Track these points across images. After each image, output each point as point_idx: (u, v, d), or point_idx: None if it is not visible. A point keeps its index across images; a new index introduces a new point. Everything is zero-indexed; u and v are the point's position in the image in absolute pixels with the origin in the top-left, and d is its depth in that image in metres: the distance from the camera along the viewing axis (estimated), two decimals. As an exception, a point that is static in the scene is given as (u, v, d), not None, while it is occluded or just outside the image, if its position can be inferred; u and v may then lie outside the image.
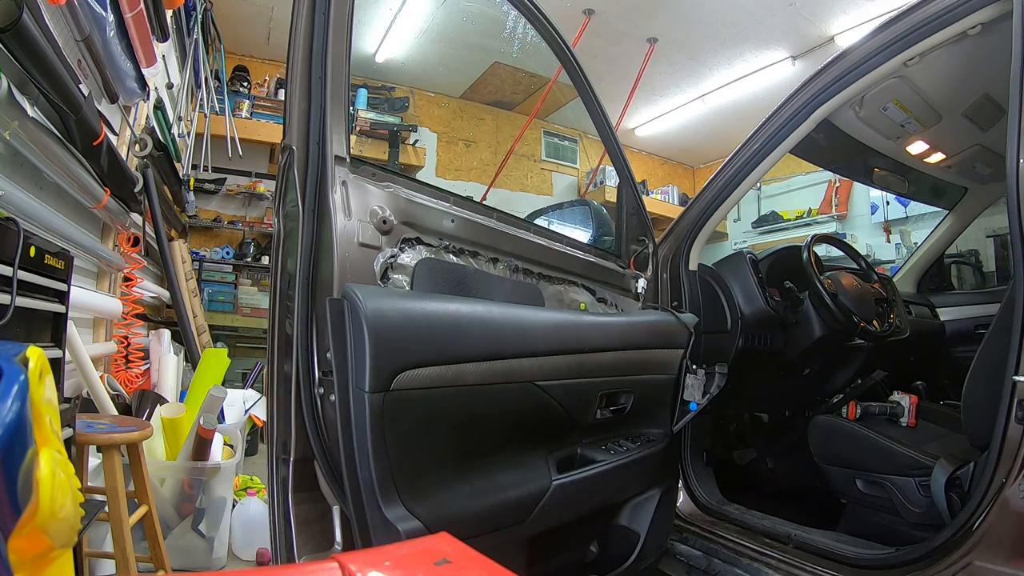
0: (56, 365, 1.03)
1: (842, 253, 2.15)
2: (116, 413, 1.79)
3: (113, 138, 2.01)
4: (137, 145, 2.30)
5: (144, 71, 2.12)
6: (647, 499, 1.37)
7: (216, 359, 2.24)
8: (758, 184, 2.29)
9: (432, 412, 0.88)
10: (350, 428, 0.81)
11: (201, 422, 1.76)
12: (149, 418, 1.93)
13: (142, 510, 1.46)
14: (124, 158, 2.14)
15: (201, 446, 1.80)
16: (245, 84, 4.71)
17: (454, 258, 1.12)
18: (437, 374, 0.87)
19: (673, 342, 1.39)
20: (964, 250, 2.99)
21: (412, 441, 0.86)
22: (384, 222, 0.98)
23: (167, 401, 2.13)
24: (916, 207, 4.54)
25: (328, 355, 0.90)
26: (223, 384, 2.09)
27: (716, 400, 1.51)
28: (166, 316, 3.16)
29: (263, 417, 2.48)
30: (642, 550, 1.33)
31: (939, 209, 2.67)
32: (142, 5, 1.88)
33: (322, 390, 0.91)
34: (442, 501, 0.88)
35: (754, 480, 2.05)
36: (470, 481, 0.94)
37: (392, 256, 0.99)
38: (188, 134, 3.80)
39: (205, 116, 3.80)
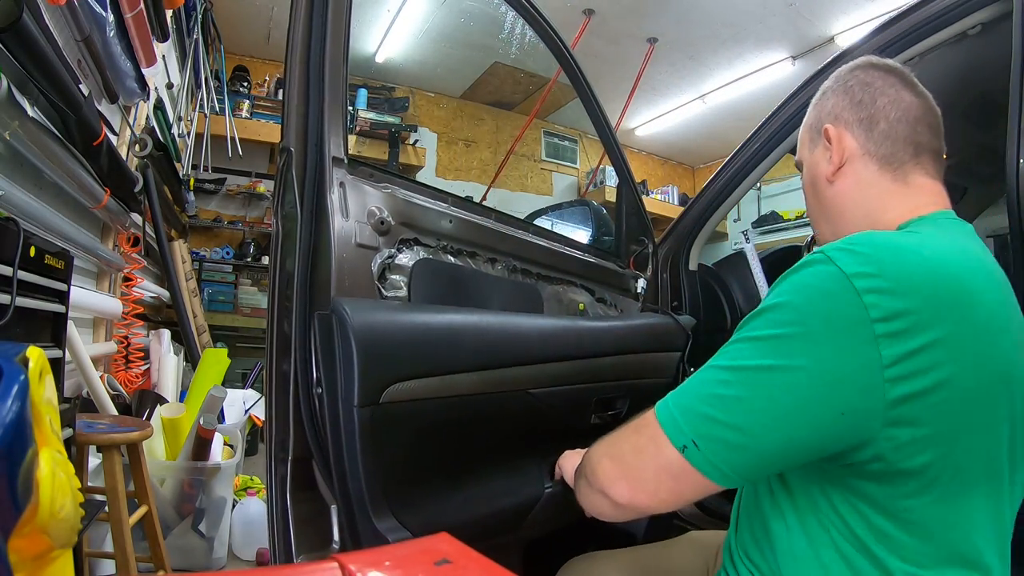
0: (56, 365, 1.03)
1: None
2: (116, 413, 1.79)
3: (113, 138, 2.01)
4: (137, 145, 2.31)
5: (144, 71, 2.12)
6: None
7: (216, 359, 2.24)
8: (758, 184, 2.29)
9: (423, 423, 0.88)
10: (340, 441, 0.81)
11: (201, 422, 1.77)
12: (149, 418, 1.93)
13: (142, 510, 1.47)
14: (124, 158, 2.14)
15: (201, 446, 1.80)
16: (245, 84, 4.71)
17: (452, 259, 1.12)
18: (428, 385, 0.86)
19: (670, 345, 1.39)
20: (964, 250, 2.99)
21: (403, 453, 0.86)
22: (382, 223, 0.98)
23: (167, 401, 2.13)
24: (916, 207, 4.53)
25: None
26: (223, 384, 2.09)
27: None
28: (166, 316, 3.16)
29: (263, 417, 2.49)
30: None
31: (939, 209, 2.67)
32: (142, 5, 1.88)
33: (320, 389, 0.91)
34: (434, 511, 0.89)
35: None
36: (462, 489, 0.94)
37: (390, 257, 0.99)
38: (188, 134, 3.80)
39: (205, 116, 3.80)
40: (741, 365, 0.55)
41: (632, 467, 0.61)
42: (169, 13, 2.47)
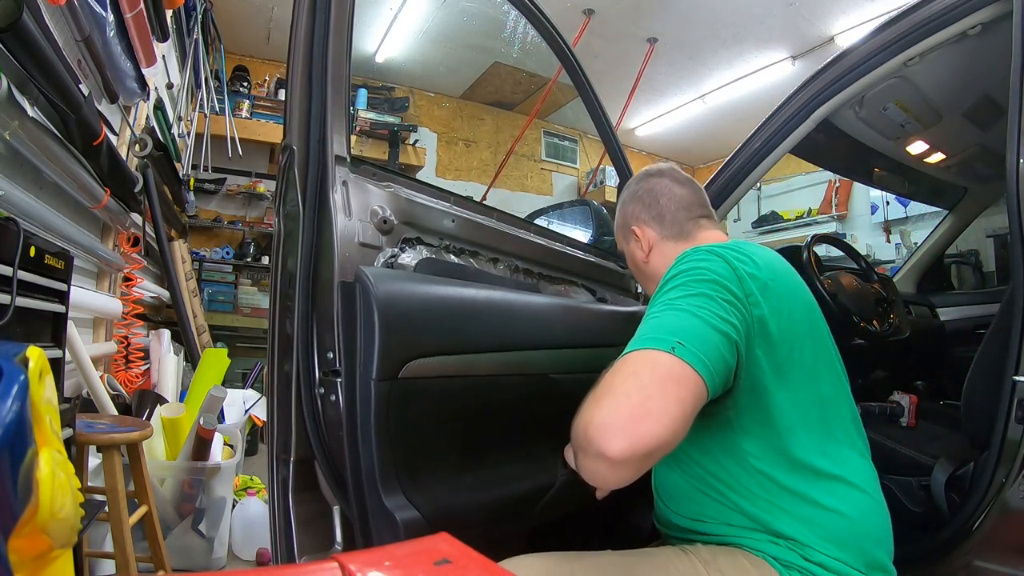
0: (56, 365, 1.03)
1: (842, 253, 2.15)
2: (116, 413, 1.79)
3: (113, 138, 2.01)
4: (137, 145, 2.31)
5: (144, 71, 2.12)
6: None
7: (216, 359, 2.24)
8: (758, 184, 2.29)
9: (440, 402, 0.87)
10: (355, 415, 0.80)
11: (201, 422, 1.77)
12: (149, 418, 1.93)
13: (142, 510, 1.46)
14: (124, 158, 2.14)
15: (201, 446, 1.80)
16: (245, 84, 4.71)
17: (454, 258, 1.12)
18: (447, 363, 0.85)
19: None
20: (964, 250, 2.99)
21: (417, 431, 0.85)
22: (384, 222, 0.98)
23: (167, 401, 2.13)
24: (916, 207, 4.54)
25: (329, 355, 0.90)
26: (223, 384, 2.09)
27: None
28: (166, 316, 3.16)
29: (263, 417, 2.49)
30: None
31: (939, 209, 2.67)
32: (142, 5, 1.89)
33: (322, 390, 0.91)
34: (444, 492, 0.87)
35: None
36: (474, 472, 0.92)
37: (392, 256, 0.99)
38: (188, 134, 3.80)
39: (205, 116, 3.80)
40: (674, 299, 0.76)
41: (630, 396, 0.64)
42: (169, 13, 2.47)
